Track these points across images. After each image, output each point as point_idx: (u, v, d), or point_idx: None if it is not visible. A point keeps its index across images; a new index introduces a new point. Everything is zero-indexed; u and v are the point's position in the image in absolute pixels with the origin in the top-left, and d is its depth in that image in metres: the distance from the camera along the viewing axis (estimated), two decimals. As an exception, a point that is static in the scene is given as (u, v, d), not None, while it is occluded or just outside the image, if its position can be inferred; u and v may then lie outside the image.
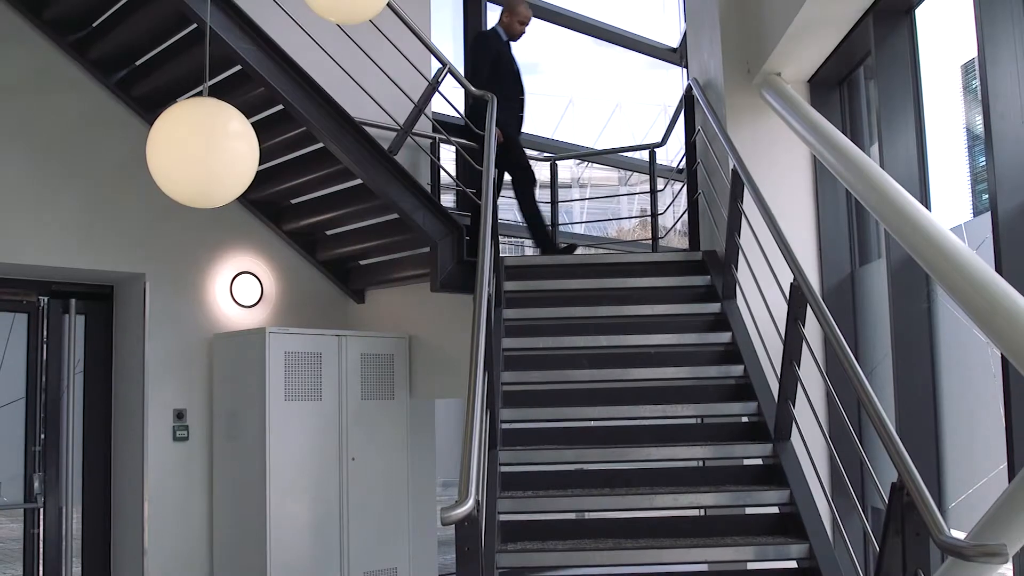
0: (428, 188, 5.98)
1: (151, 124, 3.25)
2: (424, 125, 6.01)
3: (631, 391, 4.46)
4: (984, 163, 3.99)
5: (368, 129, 5.00)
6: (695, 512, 4.00)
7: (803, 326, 3.73)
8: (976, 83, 3.99)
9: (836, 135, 4.41)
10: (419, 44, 5.22)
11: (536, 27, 9.03)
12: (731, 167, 4.68)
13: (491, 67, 5.91)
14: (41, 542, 5.23)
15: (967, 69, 4.24)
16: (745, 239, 4.62)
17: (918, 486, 2.63)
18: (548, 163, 7.05)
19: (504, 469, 3.98)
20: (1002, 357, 3.52)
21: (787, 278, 3.83)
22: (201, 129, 3.15)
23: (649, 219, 6.65)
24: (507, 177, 6.03)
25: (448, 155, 7.59)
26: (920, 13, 4.55)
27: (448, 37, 8.08)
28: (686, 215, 6.09)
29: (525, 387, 4.50)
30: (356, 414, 5.51)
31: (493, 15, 8.16)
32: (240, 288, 5.77)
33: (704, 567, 3.80)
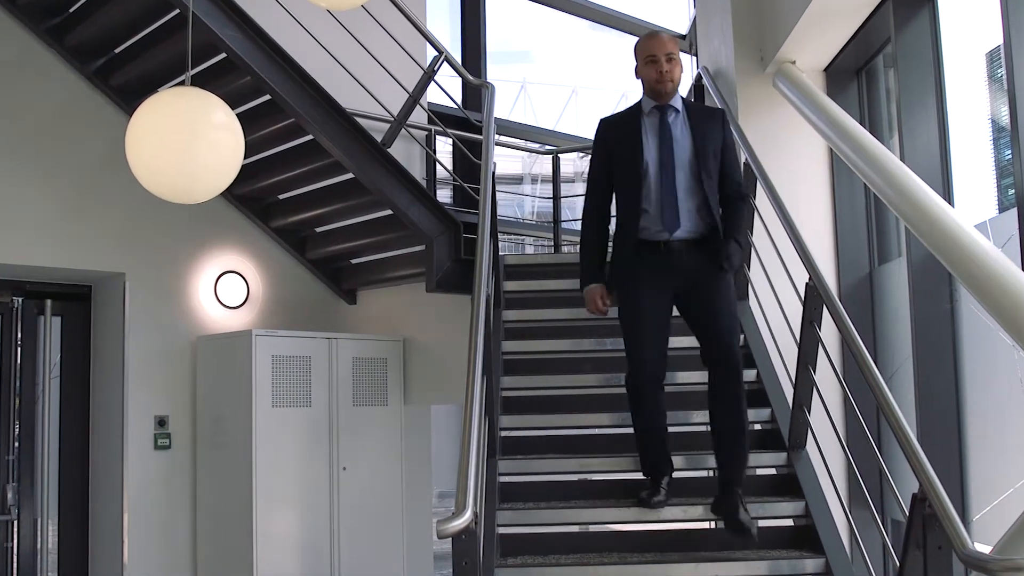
0: (423, 183, 5.98)
1: (131, 115, 3.25)
2: (419, 116, 6.02)
3: (637, 397, 4.45)
4: (1010, 156, 3.99)
5: (360, 120, 5.00)
6: (705, 525, 4.00)
7: (819, 328, 3.73)
8: (1002, 72, 3.99)
9: (854, 127, 4.41)
10: (414, 31, 5.22)
11: (530, 12, 9.01)
12: (743, 161, 4.68)
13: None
14: (15, 556, 5.22)
15: (992, 57, 4.24)
16: (758, 236, 4.62)
17: (940, 497, 2.63)
18: (551, 156, 7.05)
19: (503, 479, 3.98)
20: (1029, 361, 3.52)
21: (802, 278, 3.82)
22: (183, 120, 3.15)
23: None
24: None
25: (444, 148, 7.60)
26: (942, -2, 4.55)
27: (444, 23, 8.09)
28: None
29: (525, 393, 4.49)
30: (347, 421, 5.51)
31: (492, 1, 8.15)
32: (225, 288, 5.77)
33: (715, 583, 3.79)
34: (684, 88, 6.64)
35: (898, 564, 2.82)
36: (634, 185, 3.64)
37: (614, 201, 3.79)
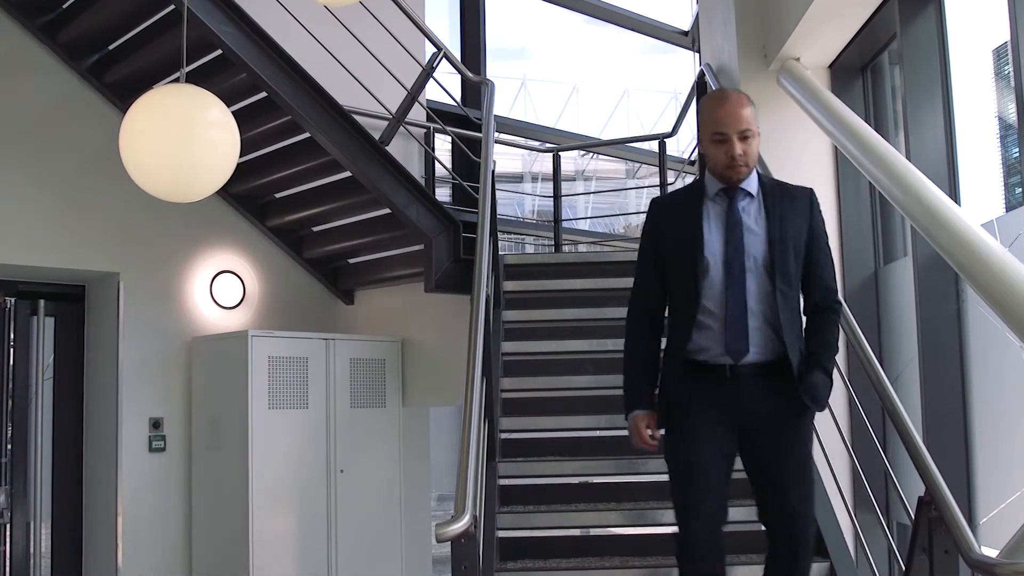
0: (422, 181, 5.98)
1: (125, 112, 3.25)
2: (418, 114, 6.02)
3: (639, 398, 4.45)
4: (1017, 154, 3.99)
5: (358, 118, 5.00)
6: (708, 528, 3.99)
7: (823, 329, 3.72)
8: (1009, 68, 3.99)
9: (859, 125, 4.41)
10: (412, 27, 5.22)
11: (527, 7, 8.99)
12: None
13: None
14: (8, 560, 5.22)
15: (999, 54, 4.23)
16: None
17: (947, 500, 2.63)
18: (551, 155, 7.05)
19: (503, 482, 3.98)
20: (1037, 362, 3.52)
21: (806, 277, 3.81)
22: (178, 118, 3.15)
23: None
24: None
25: (443, 146, 7.60)
26: (949, -7, 4.55)
27: (443, 20, 8.09)
28: (698, 210, 6.08)
29: (526, 394, 4.49)
30: (345, 423, 5.51)
31: (492, -2, 8.15)
32: (221, 288, 5.77)
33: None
34: (686, 87, 6.63)
35: (904, 568, 2.82)
36: (690, 290, 2.79)
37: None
